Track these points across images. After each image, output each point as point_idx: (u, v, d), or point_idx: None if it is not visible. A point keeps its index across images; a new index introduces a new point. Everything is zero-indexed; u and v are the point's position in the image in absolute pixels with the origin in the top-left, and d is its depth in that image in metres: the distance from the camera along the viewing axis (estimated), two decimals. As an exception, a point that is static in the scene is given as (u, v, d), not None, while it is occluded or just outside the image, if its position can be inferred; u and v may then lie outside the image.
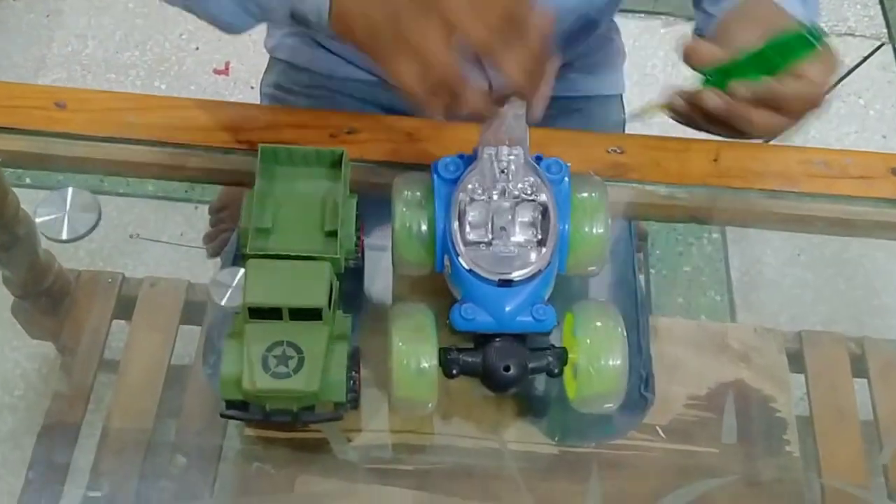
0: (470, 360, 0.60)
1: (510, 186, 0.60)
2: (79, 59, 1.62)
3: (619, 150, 0.74)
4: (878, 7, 1.76)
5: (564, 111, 0.88)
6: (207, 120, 0.72)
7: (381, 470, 0.77)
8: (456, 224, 0.59)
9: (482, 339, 0.60)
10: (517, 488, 0.75)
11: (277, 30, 0.92)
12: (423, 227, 0.62)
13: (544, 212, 0.60)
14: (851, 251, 1.05)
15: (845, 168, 0.73)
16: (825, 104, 0.65)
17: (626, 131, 0.94)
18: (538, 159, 0.63)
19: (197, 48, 1.64)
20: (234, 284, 0.68)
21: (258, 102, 0.95)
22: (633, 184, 0.73)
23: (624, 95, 0.97)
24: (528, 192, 0.60)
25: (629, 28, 0.89)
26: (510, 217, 0.59)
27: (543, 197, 0.60)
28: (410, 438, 0.78)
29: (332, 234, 0.60)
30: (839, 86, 1.46)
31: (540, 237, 0.59)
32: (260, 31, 1.32)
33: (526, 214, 0.60)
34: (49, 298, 0.99)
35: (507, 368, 0.59)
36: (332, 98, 0.88)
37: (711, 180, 0.74)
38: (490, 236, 0.59)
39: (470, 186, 0.60)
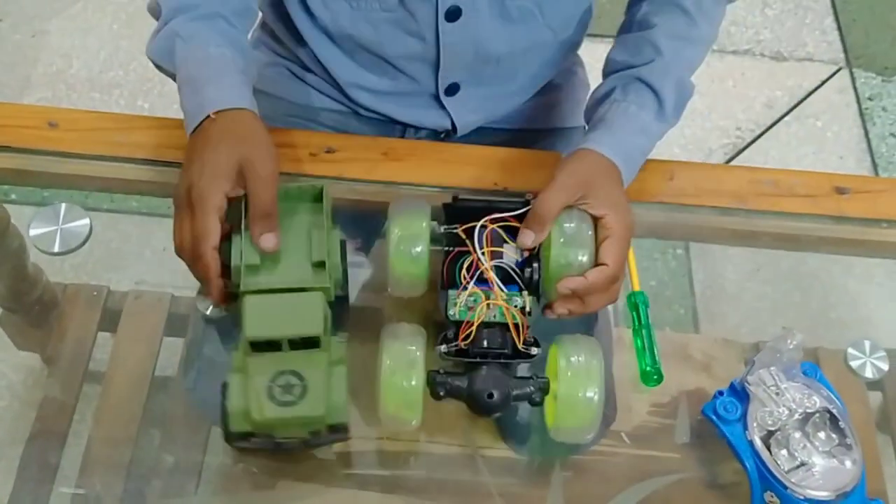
0: (457, 383, 0.64)
1: (791, 404, 0.68)
2: (64, 77, 1.64)
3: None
4: (836, 33, 1.81)
5: (527, 143, 0.90)
6: (193, 139, 0.74)
7: (359, 475, 0.80)
8: (771, 461, 0.66)
9: (469, 365, 0.65)
10: (489, 493, 0.78)
11: (259, 61, 0.95)
12: (418, 248, 0.66)
13: (831, 416, 0.67)
14: (808, 266, 1.09)
15: (792, 187, 0.76)
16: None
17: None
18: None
19: (180, 68, 1.66)
20: (217, 296, 0.70)
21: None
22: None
23: (586, 126, 1.00)
24: (807, 402, 0.68)
25: (598, 52, 0.91)
26: (806, 432, 0.67)
27: (821, 402, 0.67)
28: (387, 445, 0.80)
29: (320, 264, 0.62)
30: (798, 108, 1.51)
31: (838, 440, 0.66)
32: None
33: (819, 425, 0.67)
34: (36, 311, 1.01)
35: (490, 395, 0.63)
36: (307, 126, 0.91)
37: (667, 198, 0.77)
38: (799, 459, 0.66)
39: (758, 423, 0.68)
